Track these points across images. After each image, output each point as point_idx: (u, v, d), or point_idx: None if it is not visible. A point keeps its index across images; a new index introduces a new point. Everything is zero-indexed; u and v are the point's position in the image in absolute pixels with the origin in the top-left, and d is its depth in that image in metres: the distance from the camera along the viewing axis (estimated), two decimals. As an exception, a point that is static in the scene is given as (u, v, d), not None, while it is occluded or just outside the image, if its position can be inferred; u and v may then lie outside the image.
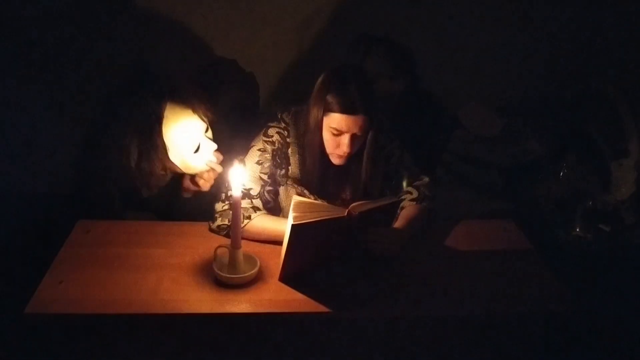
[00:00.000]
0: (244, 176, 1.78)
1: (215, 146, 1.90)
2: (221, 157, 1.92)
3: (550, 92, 2.91)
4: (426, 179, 1.93)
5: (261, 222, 1.76)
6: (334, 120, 1.73)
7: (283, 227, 1.71)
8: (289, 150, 1.86)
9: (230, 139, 2.18)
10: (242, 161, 1.85)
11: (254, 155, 1.85)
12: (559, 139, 2.67)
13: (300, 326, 1.57)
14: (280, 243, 1.66)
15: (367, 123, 1.74)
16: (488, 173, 2.74)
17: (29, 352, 1.64)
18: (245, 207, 1.76)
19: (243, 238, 1.71)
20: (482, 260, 1.78)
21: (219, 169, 1.90)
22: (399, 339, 1.61)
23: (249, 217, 1.75)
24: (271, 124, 1.88)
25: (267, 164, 1.84)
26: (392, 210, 1.77)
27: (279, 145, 1.85)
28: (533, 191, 2.59)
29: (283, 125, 1.87)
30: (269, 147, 1.85)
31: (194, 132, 1.86)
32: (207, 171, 1.92)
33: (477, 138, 2.82)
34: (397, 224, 1.80)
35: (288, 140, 1.86)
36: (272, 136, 1.86)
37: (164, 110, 1.81)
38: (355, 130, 1.74)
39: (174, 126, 1.83)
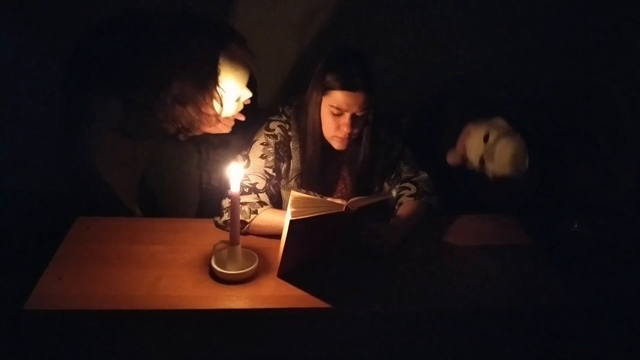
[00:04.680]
0: (242, 173, 1.78)
1: (250, 94, 1.91)
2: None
3: (548, 86, 2.90)
4: (425, 175, 1.93)
5: (268, 216, 1.75)
6: (334, 99, 1.73)
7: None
8: (291, 144, 1.87)
9: (226, 135, 2.19)
10: (245, 157, 1.86)
11: (257, 149, 1.86)
12: (558, 134, 2.66)
13: (299, 322, 1.57)
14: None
15: (367, 101, 1.74)
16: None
17: (28, 348, 1.64)
18: (252, 202, 1.76)
19: (250, 233, 1.73)
20: (481, 255, 1.79)
21: (242, 117, 1.94)
22: (398, 334, 1.62)
23: (255, 212, 1.75)
24: (272, 118, 1.89)
25: (271, 158, 1.85)
26: (391, 205, 1.77)
27: (281, 139, 1.86)
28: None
29: (284, 118, 1.88)
30: (271, 141, 1.86)
31: (242, 82, 1.87)
32: (231, 117, 1.94)
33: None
34: (396, 219, 1.80)
35: (290, 133, 1.87)
36: (274, 129, 1.87)
37: (220, 58, 1.81)
38: (355, 108, 1.74)
39: (228, 75, 1.83)
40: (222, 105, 1.84)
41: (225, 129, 1.94)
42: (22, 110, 2.83)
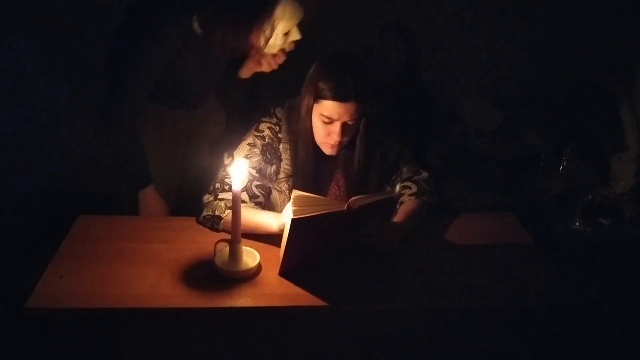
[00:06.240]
0: (245, 171, 1.78)
1: (300, 36, 1.83)
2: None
3: (549, 85, 2.90)
4: (425, 174, 1.93)
5: (242, 213, 1.74)
6: (325, 108, 1.72)
7: (259, 218, 1.72)
8: (281, 146, 1.86)
9: (224, 133, 2.20)
10: (231, 155, 1.85)
11: (243, 149, 1.85)
12: (559, 133, 2.67)
13: (301, 320, 1.58)
14: (256, 235, 1.70)
15: (359, 111, 1.72)
16: (488, 166, 2.74)
17: (29, 347, 1.65)
18: (229, 199, 1.76)
19: (225, 230, 1.74)
20: (481, 254, 1.79)
21: (283, 57, 1.90)
22: (398, 332, 1.62)
23: (230, 208, 1.75)
24: (263, 119, 1.88)
25: (255, 159, 1.84)
26: (391, 204, 1.77)
27: (270, 141, 1.85)
28: (533, 185, 2.60)
29: (275, 120, 1.87)
30: (258, 142, 1.85)
31: (294, 17, 1.78)
32: (274, 55, 1.89)
33: (477, 131, 2.82)
34: (396, 218, 1.80)
35: (280, 135, 1.86)
36: (263, 131, 1.86)
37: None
38: (347, 118, 1.72)
39: (283, 7, 1.75)
40: (268, 39, 1.79)
41: (267, 67, 1.93)
42: (25, 109, 2.83)
